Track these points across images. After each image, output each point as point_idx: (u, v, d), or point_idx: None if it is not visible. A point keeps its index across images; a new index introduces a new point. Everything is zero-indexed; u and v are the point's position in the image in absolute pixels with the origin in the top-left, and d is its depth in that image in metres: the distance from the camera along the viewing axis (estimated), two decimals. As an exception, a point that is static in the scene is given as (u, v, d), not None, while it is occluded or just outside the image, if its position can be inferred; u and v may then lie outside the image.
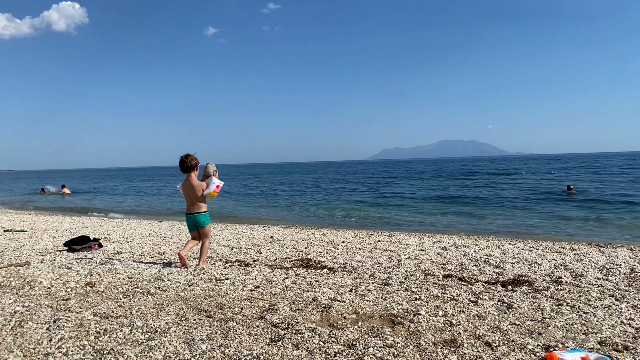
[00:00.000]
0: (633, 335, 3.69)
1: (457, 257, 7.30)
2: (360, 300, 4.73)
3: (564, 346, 3.42)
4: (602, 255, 7.24)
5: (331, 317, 4.13)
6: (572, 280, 5.66)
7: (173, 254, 7.75)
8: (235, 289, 5.23)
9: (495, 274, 6.05)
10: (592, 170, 47.73)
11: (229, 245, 8.71)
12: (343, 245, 8.65)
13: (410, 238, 9.66)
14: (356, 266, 6.60)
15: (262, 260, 7.10)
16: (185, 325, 3.95)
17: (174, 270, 6.37)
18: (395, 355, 3.28)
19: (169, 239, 9.79)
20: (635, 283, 5.48)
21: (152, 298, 4.88)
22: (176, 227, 12.31)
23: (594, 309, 4.44)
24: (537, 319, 4.14)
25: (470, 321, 4.07)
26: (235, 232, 10.87)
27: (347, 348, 3.40)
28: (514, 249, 7.95)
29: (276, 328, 3.83)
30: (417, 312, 4.28)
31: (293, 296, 4.89)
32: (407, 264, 6.72)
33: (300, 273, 6.12)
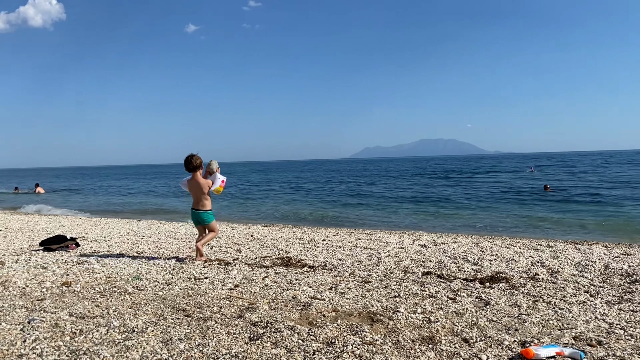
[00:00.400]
0: (607, 331, 3.76)
1: (436, 254, 7.35)
2: (340, 298, 4.74)
3: (539, 342, 3.47)
4: (578, 252, 7.36)
5: (310, 315, 4.13)
6: (549, 276, 5.75)
7: (152, 253, 7.67)
8: (215, 288, 5.20)
9: (474, 271, 6.11)
10: (567, 169, 48.57)
11: (209, 244, 8.64)
12: (324, 243, 8.65)
13: (391, 236, 9.71)
14: (336, 264, 6.61)
15: (242, 259, 7.07)
16: (163, 324, 3.92)
17: (152, 269, 6.30)
18: (374, 352, 3.29)
19: (147, 238, 9.69)
20: (610, 279, 5.59)
21: (130, 297, 4.82)
22: (155, 226, 12.19)
23: (570, 305, 4.51)
24: (514, 315, 4.19)
25: (449, 318, 4.10)
26: (215, 231, 10.81)
27: (326, 346, 3.41)
28: (492, 247, 8.04)
29: (255, 327, 3.82)
30: (396, 310, 4.30)
31: (273, 295, 4.88)
32: (387, 262, 6.75)
33: (281, 272, 6.11)
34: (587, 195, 21.98)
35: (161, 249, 8.14)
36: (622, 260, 6.55)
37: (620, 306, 4.45)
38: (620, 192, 22.50)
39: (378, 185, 35.14)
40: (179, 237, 9.71)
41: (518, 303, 4.56)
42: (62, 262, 6.83)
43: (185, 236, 9.93)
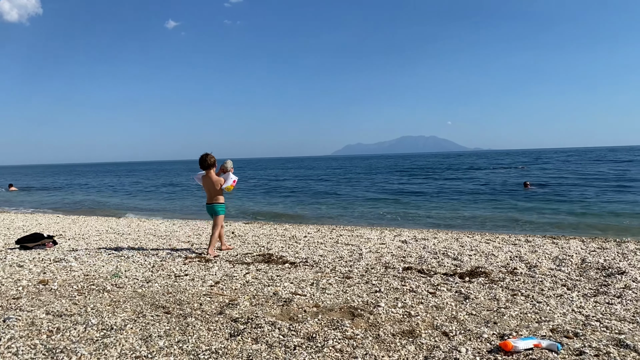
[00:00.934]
0: (583, 323, 3.82)
1: (417, 250, 7.40)
2: (321, 294, 4.75)
3: (517, 334, 3.52)
4: (556, 246, 7.47)
5: (292, 311, 4.13)
6: (527, 271, 5.82)
7: (131, 251, 7.58)
8: (195, 285, 5.16)
9: (454, 266, 6.17)
10: (544, 166, 49.32)
11: (189, 242, 8.58)
12: (305, 240, 8.65)
13: (372, 232, 9.74)
14: (318, 260, 6.61)
15: (223, 256, 7.03)
16: (143, 321, 3.88)
17: (131, 267, 6.24)
18: (355, 346, 3.30)
19: (127, 236, 9.58)
20: (586, 273, 5.68)
21: (109, 295, 4.77)
22: (134, 224, 12.06)
23: (547, 298, 4.58)
24: (492, 308, 4.24)
25: (429, 312, 4.14)
26: (195, 228, 10.73)
27: (307, 341, 3.41)
28: (471, 242, 8.12)
29: (236, 323, 3.80)
30: (377, 304, 4.32)
31: (254, 291, 4.86)
32: (368, 258, 6.77)
33: (262, 268, 6.09)
34: (565, 191, 22.34)
35: (141, 246, 8.05)
36: (598, 254, 6.67)
37: (596, 299, 4.53)
38: (596, 188, 22.91)
39: (360, 182, 35.23)
40: (159, 235, 9.62)
41: (497, 297, 4.61)
42: (39, 260, 6.72)
43: (165, 234, 9.84)
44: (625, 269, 5.65)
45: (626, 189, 22.13)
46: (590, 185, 25.17)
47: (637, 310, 4.12)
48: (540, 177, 33.17)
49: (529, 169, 43.86)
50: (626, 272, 5.52)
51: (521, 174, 36.11)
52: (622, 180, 26.70)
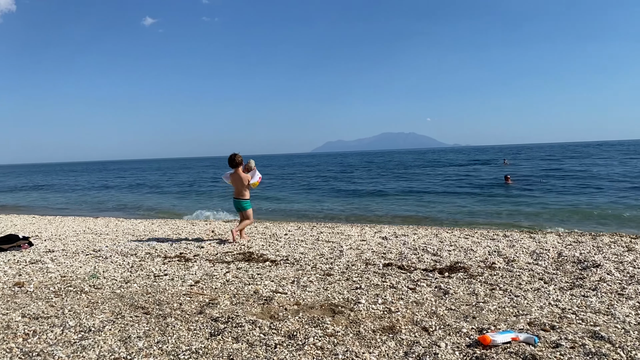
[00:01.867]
0: (559, 316, 3.89)
1: (397, 246, 7.44)
2: (302, 292, 4.75)
3: (496, 328, 3.57)
4: (533, 241, 7.59)
5: (272, 309, 4.12)
6: (505, 265, 5.90)
7: (109, 251, 7.49)
8: (175, 285, 5.12)
9: (433, 262, 6.22)
10: (524, 161, 50.05)
11: (169, 241, 8.51)
12: (286, 237, 8.63)
13: (352, 229, 9.77)
14: (298, 258, 6.61)
15: (203, 255, 6.98)
16: (121, 322, 3.84)
17: (110, 267, 6.17)
18: (335, 343, 3.31)
19: (105, 236, 9.45)
20: (563, 266, 5.78)
21: (87, 296, 4.71)
22: (112, 224, 11.90)
23: (525, 292, 4.65)
24: (471, 303, 4.29)
25: (409, 308, 4.17)
26: (175, 227, 10.63)
27: (287, 339, 3.41)
28: (450, 237, 8.20)
29: (216, 322, 3.78)
30: (358, 301, 4.34)
31: (234, 290, 4.84)
32: (348, 255, 6.79)
33: (242, 267, 6.07)
34: (546, 185, 22.70)
35: (119, 247, 7.96)
36: (574, 248, 6.79)
37: (572, 292, 4.62)
38: (575, 183, 23.32)
39: (339, 180, 35.29)
40: (138, 235, 9.51)
41: (476, 291, 4.67)
42: (14, 262, 6.60)
43: (144, 233, 9.74)
44: (600, 262, 5.76)
45: (590, 184, 22.62)
46: (568, 178, 25.64)
47: (612, 303, 4.21)
48: (521, 171, 33.64)
49: (513, 164, 44.39)
50: (601, 265, 5.63)
51: (502, 170, 36.53)
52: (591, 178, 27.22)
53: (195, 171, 63.47)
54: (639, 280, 4.93)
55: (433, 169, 45.18)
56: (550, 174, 29.51)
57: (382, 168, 50.05)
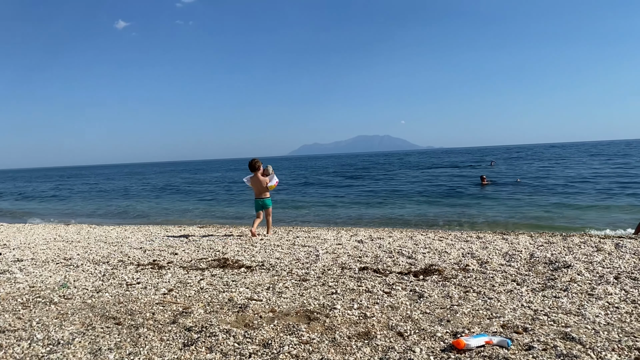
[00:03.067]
0: (532, 317, 3.94)
1: (373, 249, 7.46)
2: (278, 298, 4.71)
3: (469, 332, 3.59)
4: (506, 242, 7.69)
5: (247, 317, 4.08)
6: (479, 267, 5.96)
7: (81, 259, 7.33)
8: (148, 293, 5.03)
9: (408, 265, 6.25)
10: (500, 163, 50.84)
11: (142, 248, 8.37)
12: (261, 242, 8.58)
13: (328, 233, 9.77)
14: (274, 263, 6.57)
15: (177, 262, 6.89)
16: (92, 334, 3.75)
17: (81, 276, 6.04)
18: (311, 351, 3.29)
19: (76, 243, 9.26)
20: (535, 267, 5.86)
21: (56, 307, 4.59)
22: (84, 231, 11.66)
23: (498, 294, 4.70)
24: (446, 306, 4.32)
25: (384, 312, 4.17)
26: (148, 234, 10.47)
27: (262, 348, 3.37)
28: (425, 240, 8.25)
29: (189, 332, 3.72)
30: (333, 307, 4.32)
31: (208, 298, 4.78)
32: (324, 259, 6.78)
33: (217, 273, 6.00)
34: (521, 186, 23.08)
35: (91, 255, 7.80)
36: (546, 249, 6.90)
37: (544, 293, 4.68)
38: (549, 184, 23.78)
39: (312, 184, 35.30)
40: (110, 242, 9.34)
41: (450, 294, 4.70)
42: (-20, 272, 6.40)
43: (116, 240, 9.56)
44: (570, 263, 5.86)
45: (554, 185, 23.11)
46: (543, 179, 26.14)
47: (582, 303, 4.28)
48: (498, 172, 34.12)
49: (498, 165, 44.80)
50: (572, 265, 5.73)
51: (478, 172, 36.97)
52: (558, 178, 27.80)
53: (169, 175, 62.79)
54: (608, 280, 5.03)
55: (411, 169, 45.56)
56: (529, 176, 30.03)
57: (356, 169, 50.28)
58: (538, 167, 39.46)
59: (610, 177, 25.74)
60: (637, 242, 7.05)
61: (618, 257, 6.09)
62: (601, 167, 34.80)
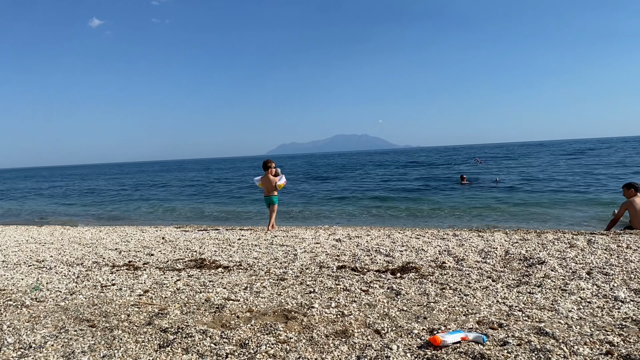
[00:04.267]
0: (507, 313, 3.99)
1: (351, 248, 7.48)
2: (255, 298, 4.69)
3: (446, 328, 3.62)
4: (481, 239, 7.78)
5: (224, 318, 4.05)
6: (455, 264, 6.02)
7: (54, 261, 7.19)
8: (123, 295, 4.96)
9: (386, 262, 6.28)
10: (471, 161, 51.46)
11: (117, 249, 8.25)
12: (239, 242, 8.53)
13: (307, 232, 9.76)
14: (252, 263, 6.54)
15: (153, 263, 6.81)
16: (65, 337, 3.68)
17: (54, 279, 5.92)
18: (288, 350, 3.28)
19: (49, 245, 9.08)
20: (510, 264, 5.95)
21: (28, 311, 4.49)
22: (58, 232, 11.45)
23: (474, 290, 4.75)
24: (423, 303, 4.35)
25: (362, 310, 4.18)
26: (123, 235, 10.32)
27: (239, 348, 3.35)
28: (402, 238, 8.30)
29: (165, 333, 3.68)
30: (311, 306, 4.32)
31: (185, 298, 4.73)
32: (302, 258, 6.77)
33: (194, 274, 5.95)
34: (501, 184, 23.40)
35: (65, 256, 7.66)
36: (521, 246, 7.00)
37: (519, 289, 4.75)
38: (528, 182, 24.16)
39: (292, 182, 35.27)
40: (84, 243, 9.18)
41: (427, 291, 4.74)
42: (-52, 276, 6.23)
43: (91, 241, 9.41)
44: (544, 259, 5.96)
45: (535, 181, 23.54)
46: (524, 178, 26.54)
47: (555, 298, 4.35)
48: (473, 172, 34.51)
49: (487, 163, 45.09)
50: (546, 261, 5.83)
51: (458, 171, 37.29)
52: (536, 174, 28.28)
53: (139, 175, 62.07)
54: (580, 275, 5.13)
55: (395, 168, 45.81)
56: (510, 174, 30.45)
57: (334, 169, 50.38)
58: (516, 165, 40.04)
59: (568, 175, 26.36)
60: (609, 238, 7.20)
61: (590, 253, 6.21)
62: (569, 165, 35.53)
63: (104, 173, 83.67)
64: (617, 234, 7.77)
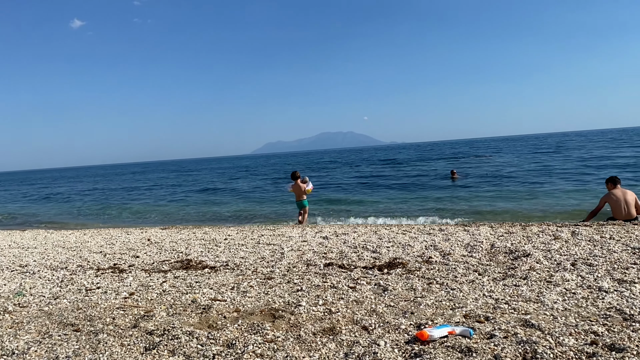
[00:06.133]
0: (493, 306, 4.01)
1: (338, 245, 7.48)
2: (242, 298, 4.66)
3: (433, 323, 3.63)
4: (467, 233, 7.82)
5: (211, 318, 4.02)
6: (441, 259, 6.04)
7: (38, 265, 7.09)
8: (108, 298, 4.90)
9: (373, 259, 6.29)
10: (457, 156, 51.76)
11: (102, 252, 8.16)
12: (225, 242, 8.48)
13: (293, 230, 9.73)
14: (239, 263, 6.50)
15: (139, 265, 6.74)
16: (49, 342, 3.63)
17: (38, 283, 5.84)
18: (275, 349, 3.26)
19: (32, 249, 8.95)
20: (495, 257, 5.98)
21: (10, 316, 4.42)
22: (41, 236, 11.30)
23: (460, 284, 4.77)
24: (410, 299, 4.35)
25: (349, 307, 4.18)
26: (108, 237, 10.21)
27: (226, 348, 3.32)
28: (389, 234, 8.32)
29: (151, 335, 3.64)
30: (298, 304, 4.30)
31: (171, 300, 4.69)
32: (289, 256, 6.75)
33: (180, 275, 5.90)
34: (489, 179, 23.57)
35: (49, 260, 7.56)
36: (506, 239, 7.05)
37: (504, 282, 4.78)
38: (512, 176, 24.36)
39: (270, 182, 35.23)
40: (69, 247, 9.07)
41: (414, 287, 4.75)
42: None
43: (75, 245, 9.29)
44: (530, 252, 6.01)
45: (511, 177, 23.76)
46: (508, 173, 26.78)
47: (541, 290, 4.39)
48: (461, 167, 34.69)
49: (491, 158, 45.14)
50: (531, 254, 5.87)
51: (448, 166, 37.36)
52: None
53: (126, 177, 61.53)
54: (565, 267, 5.17)
55: (386, 164, 45.90)
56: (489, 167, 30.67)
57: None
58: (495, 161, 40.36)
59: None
60: (592, 230, 7.29)
61: (574, 245, 6.28)
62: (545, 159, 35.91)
63: (95, 175, 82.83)
64: (600, 225, 7.86)
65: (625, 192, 8.57)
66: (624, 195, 8.49)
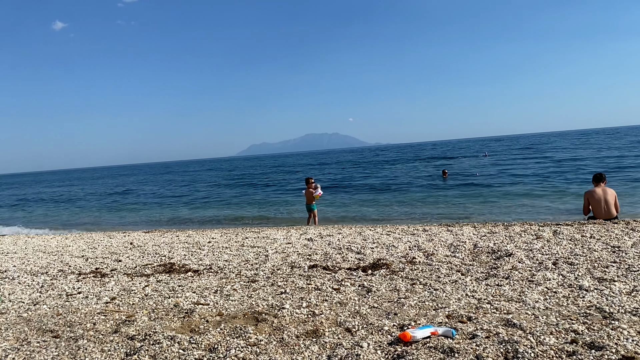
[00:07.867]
0: (476, 306, 4.03)
1: (322, 246, 7.47)
2: (225, 301, 4.63)
3: (416, 324, 3.64)
4: (450, 234, 7.86)
5: (193, 322, 3.98)
6: (425, 259, 6.06)
7: (17, 271, 6.97)
8: (89, 303, 4.84)
9: (357, 260, 6.29)
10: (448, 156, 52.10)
11: (84, 256, 8.05)
12: (209, 245, 8.43)
13: (278, 232, 9.70)
14: (223, 266, 6.46)
15: (121, 269, 6.66)
16: (27, 349, 3.56)
17: (17, 289, 5.74)
18: (258, 353, 3.24)
19: (12, 255, 8.80)
20: (478, 257, 6.02)
21: (-12, 324, 4.33)
22: (21, 241, 11.11)
23: (443, 285, 4.79)
24: (393, 299, 4.36)
25: (333, 309, 4.17)
26: (90, 241, 10.08)
27: (208, 353, 3.29)
28: (373, 235, 8.33)
29: (132, 340, 3.59)
30: (282, 306, 4.28)
31: (153, 304, 4.64)
32: (274, 259, 6.73)
33: (163, 279, 5.84)
34: (479, 178, 23.74)
35: (29, 265, 7.43)
36: (489, 239, 7.10)
37: (487, 282, 4.81)
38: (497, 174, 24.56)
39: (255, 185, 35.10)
40: (50, 251, 8.93)
41: (397, 287, 4.75)
42: None
43: (56, 249, 9.16)
44: (512, 251, 6.05)
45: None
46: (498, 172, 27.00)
47: (523, 290, 4.42)
48: (454, 166, 34.85)
49: (491, 157, 45.25)
50: (513, 254, 5.92)
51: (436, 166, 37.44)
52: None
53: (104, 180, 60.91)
54: (546, 266, 5.22)
55: (376, 164, 45.96)
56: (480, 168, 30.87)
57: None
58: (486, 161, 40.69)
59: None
60: (573, 229, 7.37)
61: (556, 244, 6.34)
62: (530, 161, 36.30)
63: (75, 179, 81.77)
64: (581, 224, 7.95)
65: (606, 191, 8.67)
66: (604, 195, 8.60)
